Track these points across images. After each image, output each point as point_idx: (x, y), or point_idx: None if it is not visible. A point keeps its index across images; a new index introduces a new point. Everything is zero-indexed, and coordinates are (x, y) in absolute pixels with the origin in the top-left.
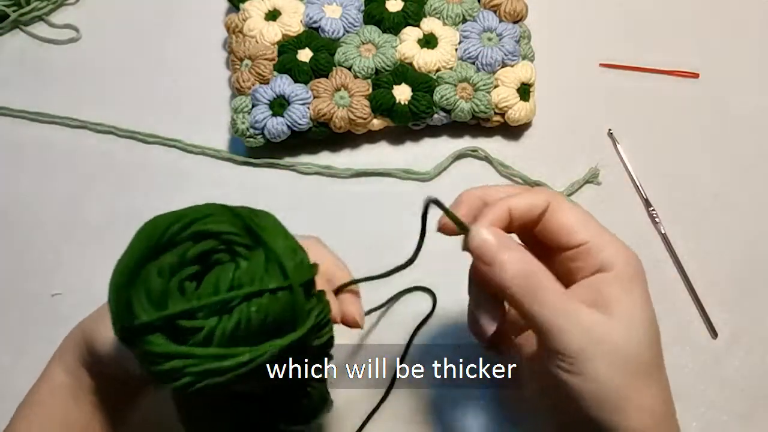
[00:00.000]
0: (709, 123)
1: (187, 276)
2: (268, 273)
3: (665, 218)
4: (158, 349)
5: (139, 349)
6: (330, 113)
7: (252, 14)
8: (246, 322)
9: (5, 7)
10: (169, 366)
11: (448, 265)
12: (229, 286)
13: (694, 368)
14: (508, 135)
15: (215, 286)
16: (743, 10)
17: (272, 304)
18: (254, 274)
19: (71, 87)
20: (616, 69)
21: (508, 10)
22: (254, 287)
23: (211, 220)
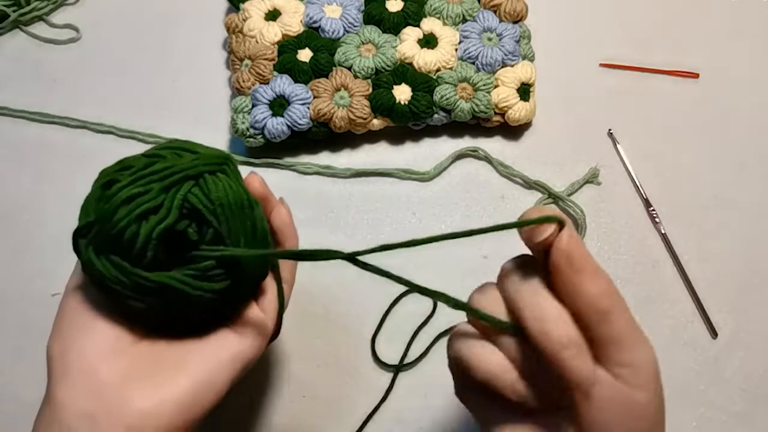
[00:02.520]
0: (709, 123)
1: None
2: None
3: (665, 218)
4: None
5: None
6: (330, 113)
7: (252, 14)
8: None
9: (5, 7)
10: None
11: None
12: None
13: (694, 368)
14: (508, 135)
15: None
16: (743, 10)
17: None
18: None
19: (71, 87)
20: (616, 69)
21: (508, 10)
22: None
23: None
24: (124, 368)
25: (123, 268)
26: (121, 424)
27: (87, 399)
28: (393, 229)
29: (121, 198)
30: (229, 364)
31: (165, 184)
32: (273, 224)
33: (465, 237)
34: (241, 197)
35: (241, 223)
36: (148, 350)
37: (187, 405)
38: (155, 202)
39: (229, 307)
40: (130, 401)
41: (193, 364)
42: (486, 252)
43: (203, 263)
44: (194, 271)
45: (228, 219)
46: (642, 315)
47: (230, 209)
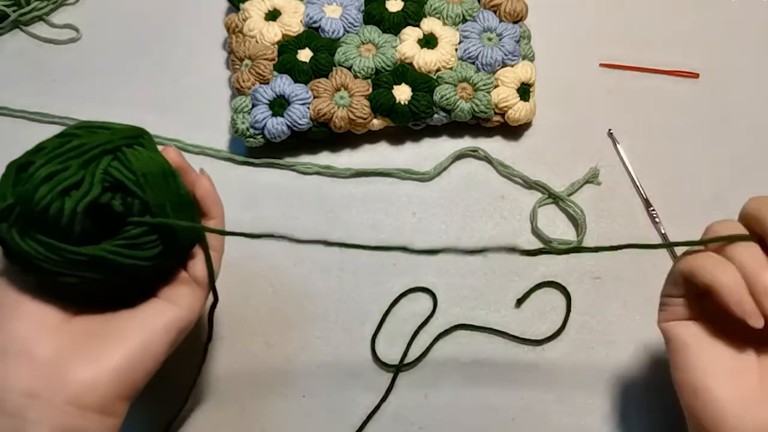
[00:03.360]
0: (709, 123)
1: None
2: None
3: (665, 218)
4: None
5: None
6: (330, 113)
7: (252, 14)
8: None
9: (5, 7)
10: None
11: (448, 265)
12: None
13: None
14: (508, 135)
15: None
16: (743, 10)
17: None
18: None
19: (71, 87)
20: (616, 69)
21: (508, 10)
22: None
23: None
24: (58, 345)
25: (51, 246)
26: (63, 397)
27: (26, 378)
28: (393, 229)
29: (41, 176)
30: (164, 331)
31: (84, 159)
32: (197, 195)
33: (644, 249)
34: (162, 166)
35: (166, 191)
36: (81, 326)
37: (125, 373)
38: (76, 178)
39: (159, 277)
40: (69, 375)
41: (128, 334)
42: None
43: (133, 231)
44: (125, 240)
45: (152, 188)
46: (642, 315)
47: (153, 178)
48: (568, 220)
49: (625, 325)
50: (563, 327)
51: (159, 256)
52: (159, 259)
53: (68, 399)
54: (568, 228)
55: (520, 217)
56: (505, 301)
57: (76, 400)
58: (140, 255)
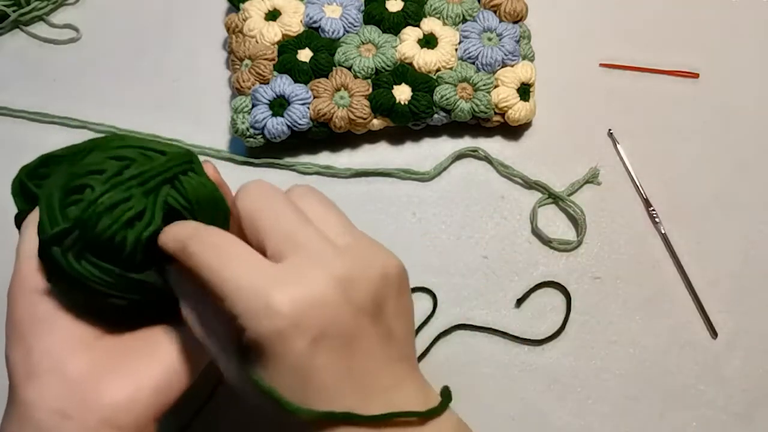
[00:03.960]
0: (709, 123)
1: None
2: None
3: (665, 218)
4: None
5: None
6: (330, 113)
7: (252, 14)
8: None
9: (5, 7)
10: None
11: (448, 265)
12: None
13: (694, 368)
14: (508, 135)
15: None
16: (743, 10)
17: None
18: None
19: (71, 87)
20: (616, 69)
21: (508, 10)
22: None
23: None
24: (92, 362)
25: (110, 272)
26: (96, 418)
27: (57, 396)
28: (393, 229)
29: (104, 205)
30: (201, 348)
31: (146, 188)
32: (234, 212)
33: None
34: (212, 192)
35: (214, 218)
36: (114, 343)
37: (162, 391)
38: (138, 208)
39: None
40: (102, 394)
41: (163, 351)
42: (486, 252)
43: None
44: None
45: (204, 215)
46: (642, 315)
47: (206, 206)
48: (568, 220)
49: (625, 325)
50: (563, 327)
51: None
52: None
53: (102, 419)
54: (568, 228)
55: (520, 217)
56: (505, 301)
57: (110, 420)
58: None
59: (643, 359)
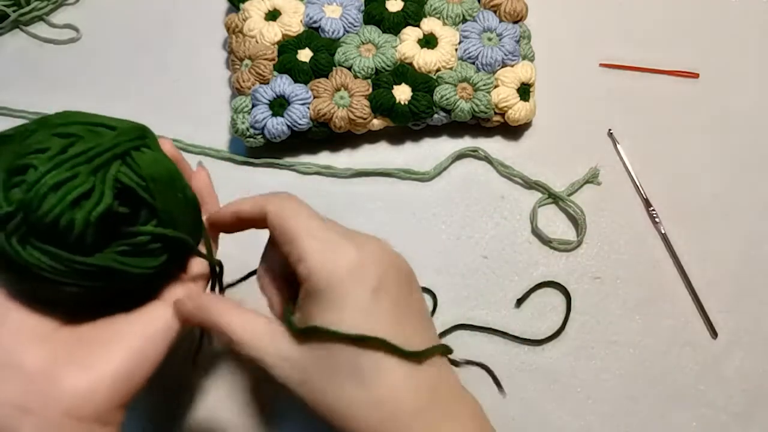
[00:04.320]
0: (709, 123)
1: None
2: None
3: (665, 218)
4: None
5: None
6: (330, 113)
7: (252, 14)
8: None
9: (5, 7)
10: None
11: (448, 266)
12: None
13: (694, 368)
14: (508, 135)
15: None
16: (743, 10)
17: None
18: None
19: (71, 87)
20: (616, 69)
21: (508, 10)
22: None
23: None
24: (49, 354)
25: (57, 256)
26: (58, 410)
27: (17, 391)
28: (393, 229)
29: (48, 185)
30: (162, 334)
31: (93, 166)
32: (195, 189)
33: None
34: (169, 168)
35: (173, 194)
36: (72, 333)
37: (123, 380)
38: (86, 186)
39: (158, 280)
40: (63, 386)
41: (125, 339)
42: (486, 252)
43: (139, 238)
44: (130, 247)
45: (160, 192)
46: (642, 315)
47: (161, 183)
48: (568, 220)
49: (625, 325)
50: (563, 327)
51: (165, 263)
52: (165, 265)
53: (64, 411)
54: (568, 228)
55: (520, 217)
56: (505, 301)
57: (72, 411)
58: (148, 264)
59: (643, 359)
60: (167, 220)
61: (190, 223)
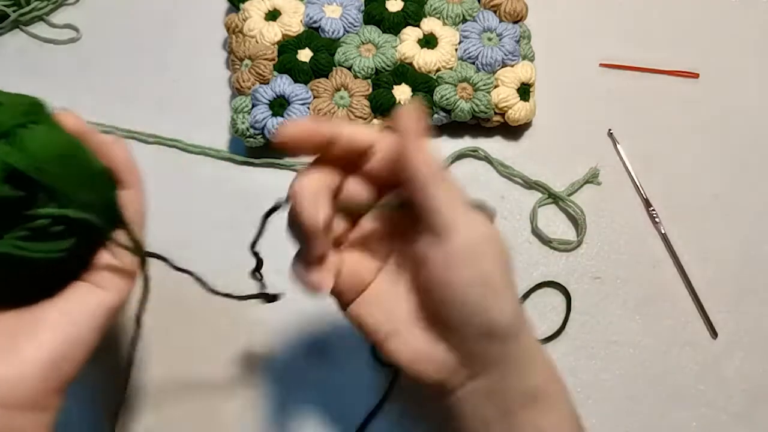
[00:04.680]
0: (709, 123)
1: None
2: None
3: (665, 218)
4: None
5: None
6: (330, 113)
7: (252, 14)
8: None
9: (5, 7)
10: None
11: None
12: None
13: (694, 368)
14: (508, 135)
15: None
16: (743, 10)
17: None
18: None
19: (71, 87)
20: (616, 69)
21: (508, 10)
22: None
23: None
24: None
25: None
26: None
27: None
28: None
29: None
30: (90, 317)
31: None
32: (111, 165)
33: None
34: (64, 145)
35: (72, 173)
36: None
37: (52, 365)
38: None
39: (79, 262)
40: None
41: (51, 324)
42: None
43: (38, 222)
44: (29, 232)
45: (56, 172)
46: (642, 315)
47: (56, 162)
48: (568, 220)
49: (625, 325)
50: (563, 327)
51: (74, 246)
52: (73, 249)
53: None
54: (568, 228)
55: (520, 217)
56: None
57: (2, 400)
58: (55, 248)
59: (643, 359)
60: (68, 201)
61: (99, 202)
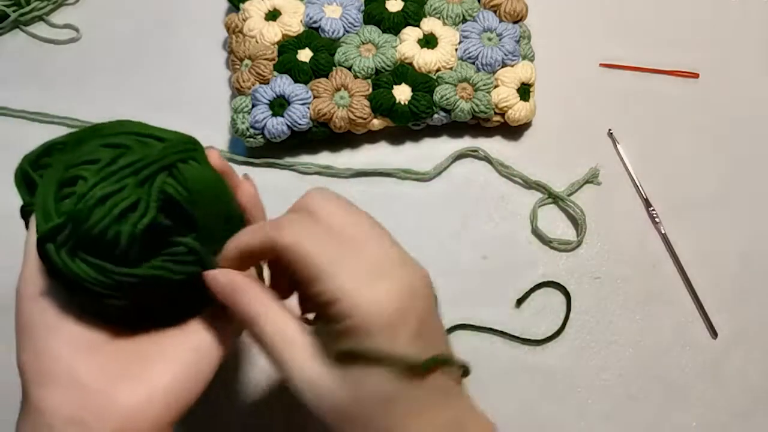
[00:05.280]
0: (709, 123)
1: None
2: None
3: (665, 218)
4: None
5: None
6: (330, 113)
7: (252, 14)
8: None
9: (5, 7)
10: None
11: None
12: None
13: (694, 368)
14: (508, 135)
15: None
16: (743, 10)
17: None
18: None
19: (71, 87)
20: (616, 69)
21: (508, 10)
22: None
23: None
24: (102, 367)
25: (102, 269)
26: (112, 424)
27: (72, 402)
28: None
29: (96, 197)
30: (211, 350)
31: (139, 178)
32: (240, 201)
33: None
34: (215, 182)
35: (216, 207)
36: (124, 347)
37: (174, 395)
38: (132, 199)
39: (204, 295)
40: (116, 399)
41: (177, 353)
42: (486, 252)
43: (175, 248)
44: (170, 256)
45: (205, 205)
46: (642, 315)
47: (206, 196)
48: (568, 220)
49: (625, 325)
50: (563, 327)
51: (197, 275)
52: (197, 278)
53: (117, 426)
54: (568, 228)
55: (520, 217)
56: (505, 301)
57: (125, 426)
58: (185, 270)
59: (643, 359)
60: (206, 234)
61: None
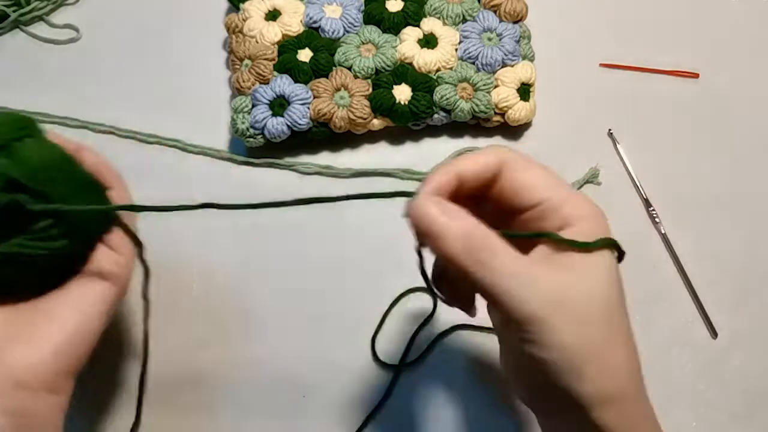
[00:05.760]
0: (709, 123)
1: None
2: None
3: (665, 218)
4: None
5: None
6: (330, 113)
7: (252, 14)
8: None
9: (5, 7)
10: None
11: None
12: None
13: (694, 368)
14: (508, 135)
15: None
16: (743, 10)
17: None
18: None
19: (71, 87)
20: (616, 69)
21: (508, 10)
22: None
23: None
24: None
25: None
26: (9, 383)
27: None
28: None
29: None
30: (96, 305)
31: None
32: (87, 168)
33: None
34: (56, 155)
35: (65, 180)
36: (9, 314)
37: (66, 351)
38: None
39: (81, 258)
40: (10, 360)
41: (61, 314)
42: None
43: (39, 224)
44: (32, 234)
45: (51, 181)
46: (642, 315)
47: (50, 171)
48: None
49: None
50: None
51: (71, 244)
52: (70, 246)
53: (14, 383)
54: None
55: None
56: None
57: (21, 383)
58: (51, 246)
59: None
60: (63, 204)
61: (91, 203)
